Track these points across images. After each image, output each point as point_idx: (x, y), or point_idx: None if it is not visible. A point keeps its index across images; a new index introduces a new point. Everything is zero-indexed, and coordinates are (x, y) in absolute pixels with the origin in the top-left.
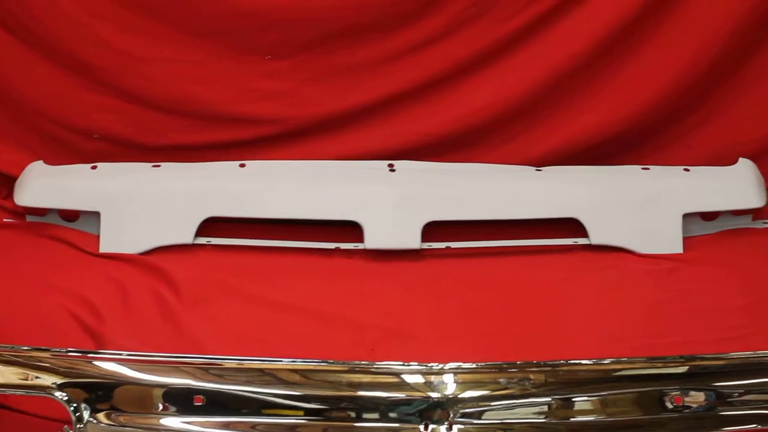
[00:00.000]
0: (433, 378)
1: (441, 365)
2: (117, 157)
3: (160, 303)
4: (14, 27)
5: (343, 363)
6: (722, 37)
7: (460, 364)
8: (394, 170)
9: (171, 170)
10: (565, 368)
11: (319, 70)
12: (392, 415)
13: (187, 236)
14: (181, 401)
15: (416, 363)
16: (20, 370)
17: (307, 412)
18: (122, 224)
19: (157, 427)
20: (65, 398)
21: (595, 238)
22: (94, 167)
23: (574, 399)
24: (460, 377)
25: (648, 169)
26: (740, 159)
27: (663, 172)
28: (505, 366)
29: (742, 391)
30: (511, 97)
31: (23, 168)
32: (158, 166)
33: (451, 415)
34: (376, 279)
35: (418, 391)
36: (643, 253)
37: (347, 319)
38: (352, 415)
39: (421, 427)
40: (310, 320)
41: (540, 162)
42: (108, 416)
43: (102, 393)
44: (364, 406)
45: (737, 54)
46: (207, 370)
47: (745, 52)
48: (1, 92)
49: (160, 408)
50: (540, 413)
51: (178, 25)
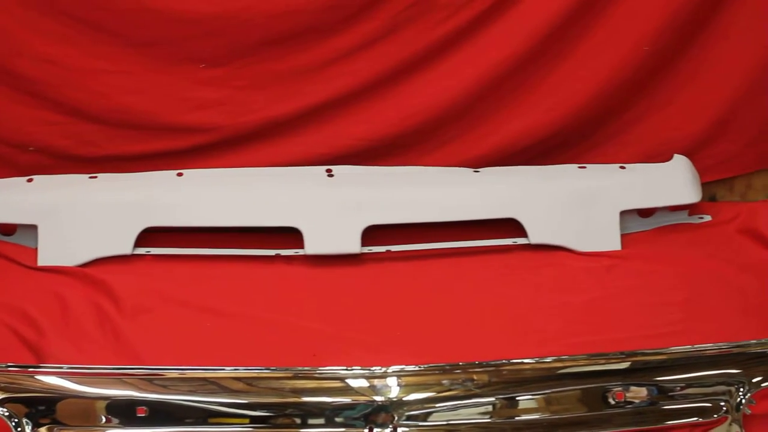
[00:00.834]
0: (376, 382)
1: (384, 368)
2: (53, 169)
3: (101, 315)
4: None
5: (287, 369)
6: (653, 35)
7: (403, 366)
8: (332, 175)
9: (108, 181)
10: (507, 368)
11: (254, 77)
12: (337, 419)
13: (125, 247)
14: (125, 413)
15: (359, 367)
16: None
17: (253, 419)
18: (60, 237)
19: None
20: (6, 414)
21: (534, 237)
22: (30, 180)
23: (517, 398)
24: (404, 380)
25: (584, 167)
26: (675, 155)
27: (599, 171)
28: (448, 367)
29: (683, 385)
30: (448, 100)
31: None
32: (95, 177)
33: (396, 418)
34: (317, 284)
35: (362, 395)
36: (581, 251)
37: (289, 326)
38: (298, 421)
39: (366, 430)
40: (253, 327)
41: (478, 163)
42: (50, 431)
43: (44, 407)
44: (309, 412)
45: (669, 51)
46: (149, 381)
47: (677, 50)
48: None
49: (104, 420)
50: (484, 413)
51: (112, 35)
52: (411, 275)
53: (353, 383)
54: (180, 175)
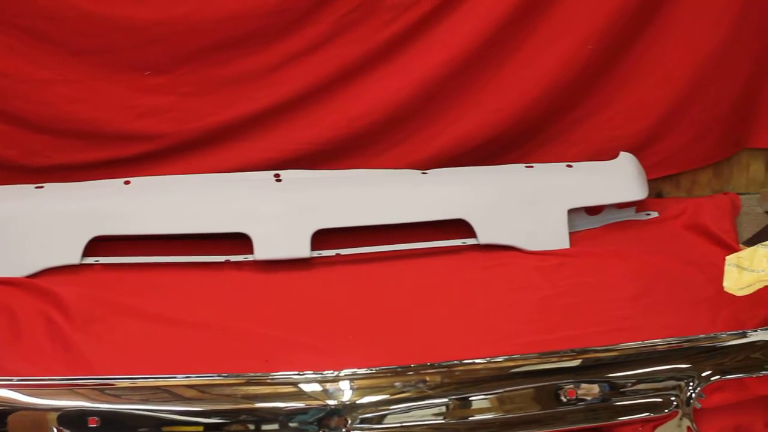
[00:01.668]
0: (329, 386)
1: (336, 372)
2: None
3: (50, 325)
4: None
5: (239, 376)
6: (596, 35)
7: (355, 370)
8: (280, 180)
9: (55, 191)
10: (460, 368)
11: (199, 83)
12: (291, 424)
13: (74, 257)
14: (76, 424)
15: (312, 372)
16: None
17: (207, 427)
18: (7, 247)
19: None
20: None
21: (483, 237)
22: None
23: (470, 398)
24: (356, 383)
25: (532, 167)
26: (621, 153)
27: (546, 170)
28: (400, 370)
29: (634, 381)
30: (395, 102)
31: None
32: (42, 187)
33: (349, 422)
34: (268, 289)
35: (315, 399)
36: (531, 250)
37: (240, 331)
38: (252, 427)
39: None
40: (203, 334)
41: (426, 165)
42: None
43: None
44: (262, 418)
45: (612, 51)
46: (101, 391)
47: (620, 49)
48: None
49: None
50: (438, 414)
51: (56, 45)
52: (361, 278)
53: (306, 388)
54: (128, 183)
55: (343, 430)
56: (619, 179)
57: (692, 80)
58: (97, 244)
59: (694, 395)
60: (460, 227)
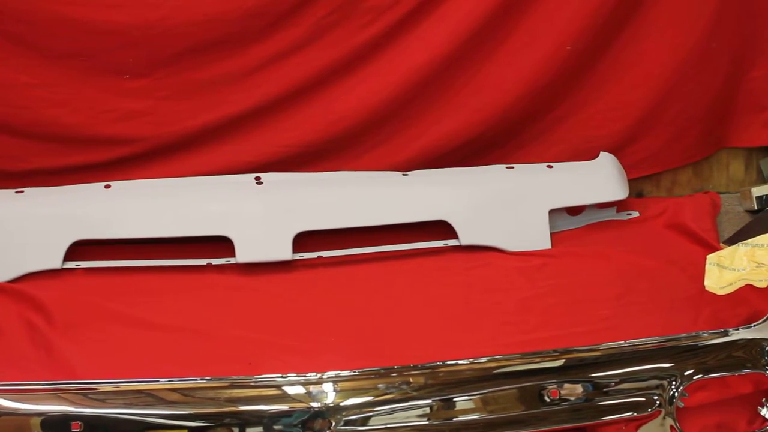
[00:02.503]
0: (312, 388)
1: (319, 375)
2: None
3: (32, 330)
4: None
5: (223, 379)
6: (574, 35)
7: (338, 372)
8: (261, 183)
9: (35, 195)
10: (443, 369)
11: (178, 86)
12: (275, 427)
13: (55, 261)
14: (59, 429)
15: (295, 374)
16: None
17: (191, 430)
18: None
19: None
20: None
21: (465, 238)
22: None
23: (454, 399)
24: (340, 385)
25: (512, 167)
26: (601, 153)
27: (527, 170)
28: (383, 371)
29: (617, 380)
30: (374, 104)
31: None
32: (21, 191)
33: (333, 424)
34: (250, 292)
35: (298, 401)
36: (512, 250)
37: (223, 335)
38: (236, 430)
39: None
40: (186, 338)
41: (406, 166)
42: None
43: None
44: (246, 421)
45: (591, 51)
46: (84, 395)
47: (598, 49)
48: None
49: None
50: (422, 415)
51: (33, 48)
52: (343, 280)
53: (289, 390)
54: (108, 187)
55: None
56: (600, 179)
57: (671, 79)
58: (79, 248)
59: (676, 394)
60: (442, 228)
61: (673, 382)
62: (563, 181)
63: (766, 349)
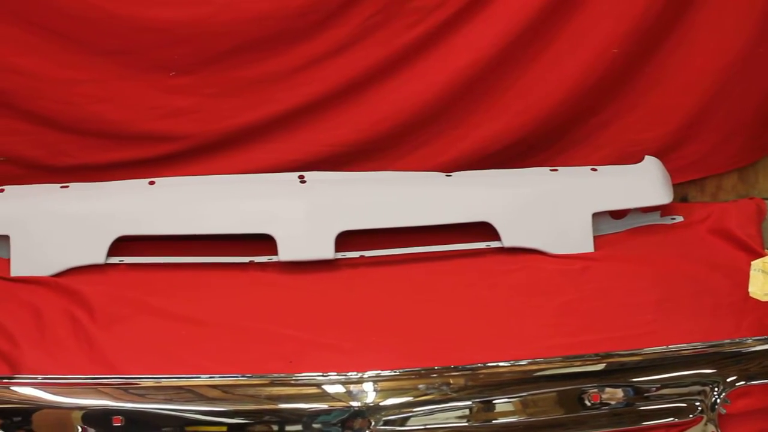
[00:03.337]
0: (352, 387)
1: (360, 374)
2: (25, 179)
3: (75, 324)
4: None
5: (263, 376)
6: (621, 38)
7: (379, 372)
8: (304, 182)
9: (80, 190)
10: (483, 371)
11: (223, 84)
12: (315, 426)
13: (99, 256)
14: (100, 423)
15: (335, 373)
16: None
17: (230, 427)
18: (33, 247)
19: None
20: None
21: (508, 240)
22: (1, 190)
23: (494, 401)
24: (380, 385)
25: (556, 170)
26: (646, 156)
27: (571, 173)
28: (424, 372)
29: (659, 385)
30: (419, 104)
31: None
32: (67, 186)
33: (373, 423)
34: (292, 291)
35: (338, 400)
36: (555, 253)
37: (264, 332)
38: (275, 428)
39: None
40: (228, 335)
41: (450, 167)
42: None
43: (19, 418)
44: (285, 419)
45: (637, 54)
46: (125, 390)
47: (645, 52)
48: None
49: (79, 430)
50: (462, 417)
51: (81, 44)
52: (385, 280)
53: (329, 389)
54: (152, 183)
55: (367, 431)
56: (645, 183)
57: (717, 83)
58: (122, 244)
59: (719, 400)
60: (484, 230)
61: (716, 389)
62: (607, 185)
63: None
